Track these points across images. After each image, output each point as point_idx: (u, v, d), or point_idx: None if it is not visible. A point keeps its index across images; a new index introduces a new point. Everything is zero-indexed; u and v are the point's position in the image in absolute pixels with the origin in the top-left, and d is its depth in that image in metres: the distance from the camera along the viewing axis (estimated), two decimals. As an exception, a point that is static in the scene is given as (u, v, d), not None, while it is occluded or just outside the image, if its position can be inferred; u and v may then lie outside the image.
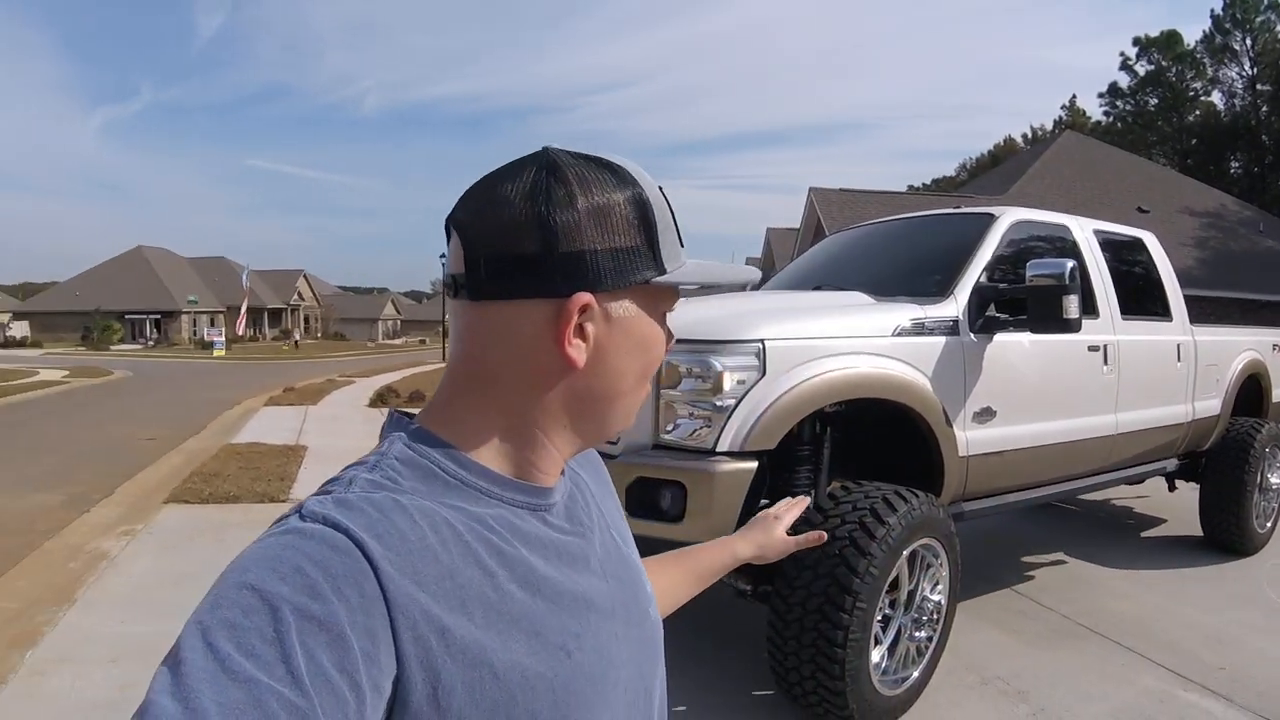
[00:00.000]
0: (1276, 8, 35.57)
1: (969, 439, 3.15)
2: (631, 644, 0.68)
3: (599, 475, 0.81)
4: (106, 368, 24.69)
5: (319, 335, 60.77)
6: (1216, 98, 40.01)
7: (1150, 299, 4.43)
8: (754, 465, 2.61)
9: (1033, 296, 3.15)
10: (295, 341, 47.36)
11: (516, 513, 0.62)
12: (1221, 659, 3.42)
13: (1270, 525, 5.06)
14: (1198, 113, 40.17)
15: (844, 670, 2.51)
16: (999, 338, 3.26)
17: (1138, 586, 4.32)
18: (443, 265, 0.95)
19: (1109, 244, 4.19)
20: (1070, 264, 3.09)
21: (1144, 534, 5.50)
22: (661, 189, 0.66)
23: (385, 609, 0.50)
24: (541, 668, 0.57)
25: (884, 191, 20.73)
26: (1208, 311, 8.88)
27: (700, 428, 2.63)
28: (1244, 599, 4.14)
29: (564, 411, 0.64)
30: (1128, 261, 4.38)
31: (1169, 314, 4.48)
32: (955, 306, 3.19)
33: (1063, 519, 5.83)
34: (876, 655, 2.70)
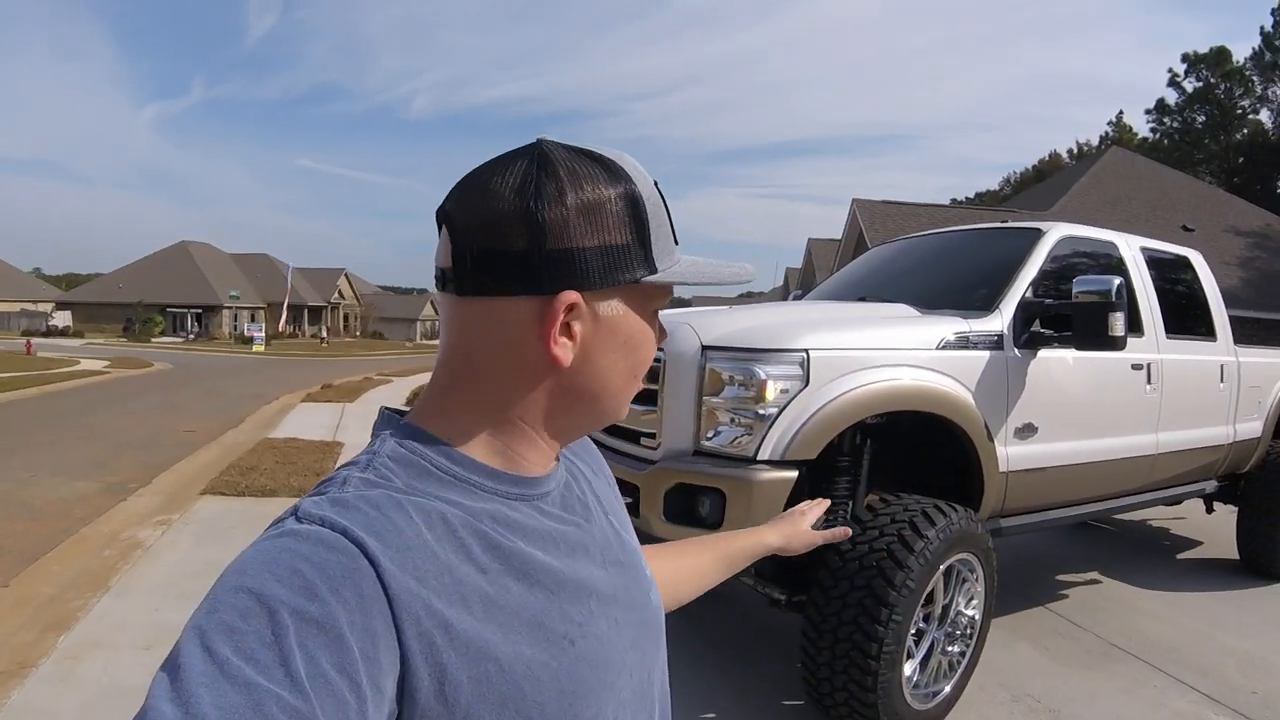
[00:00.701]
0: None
1: (1010, 454, 3.13)
2: (633, 629, 0.68)
3: (595, 462, 0.81)
4: (147, 359, 25.10)
5: (358, 334, 61.34)
6: (1265, 116, 39.23)
7: (1195, 318, 4.37)
8: (794, 475, 2.61)
9: (1078, 313, 3.14)
10: (323, 339, 47.78)
11: (511, 505, 0.62)
12: (1254, 683, 3.38)
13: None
14: (1245, 131, 39.29)
15: (876, 682, 2.51)
16: (1043, 354, 3.24)
17: (1173, 609, 4.26)
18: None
19: (1155, 262, 4.14)
20: (1117, 281, 3.07)
21: (1180, 556, 5.41)
22: (657, 184, 0.64)
23: (387, 607, 0.50)
24: (546, 657, 0.58)
25: (927, 204, 20.20)
26: (1251, 332, 8.68)
27: (741, 435, 2.64)
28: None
29: (552, 407, 0.64)
30: (1173, 280, 4.32)
31: (1213, 334, 4.41)
32: (1000, 321, 3.18)
33: (1098, 538, 5.75)
34: (909, 668, 2.70)
